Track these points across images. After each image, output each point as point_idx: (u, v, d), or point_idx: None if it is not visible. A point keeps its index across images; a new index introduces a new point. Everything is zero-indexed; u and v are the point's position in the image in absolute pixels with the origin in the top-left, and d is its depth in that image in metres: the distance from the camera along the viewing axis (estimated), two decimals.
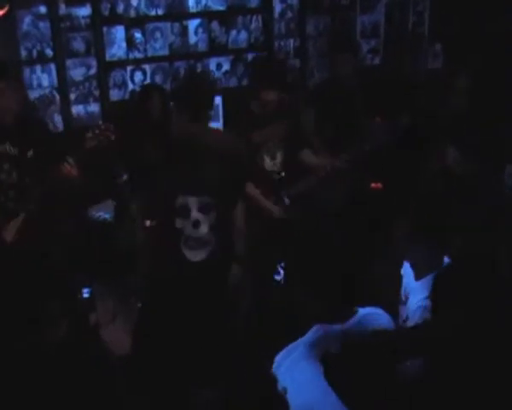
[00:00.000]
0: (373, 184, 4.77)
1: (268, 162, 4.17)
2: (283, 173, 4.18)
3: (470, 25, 5.58)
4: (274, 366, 2.17)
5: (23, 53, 4.74)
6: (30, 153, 3.56)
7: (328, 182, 4.28)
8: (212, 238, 3.43)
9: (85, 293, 3.84)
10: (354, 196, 4.47)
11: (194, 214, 3.35)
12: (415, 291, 2.65)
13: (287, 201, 4.18)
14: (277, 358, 2.18)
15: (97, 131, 3.36)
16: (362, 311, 2.27)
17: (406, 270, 2.79)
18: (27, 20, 4.70)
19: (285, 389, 1.79)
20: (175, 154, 3.45)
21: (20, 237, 3.49)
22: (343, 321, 2.21)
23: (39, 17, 4.73)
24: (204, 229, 3.39)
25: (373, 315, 2.29)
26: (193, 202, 3.34)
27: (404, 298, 2.75)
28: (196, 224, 3.37)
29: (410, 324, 2.58)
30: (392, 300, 3.11)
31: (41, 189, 3.49)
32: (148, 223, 4.01)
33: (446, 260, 2.68)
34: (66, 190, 3.49)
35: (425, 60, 6.03)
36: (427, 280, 2.61)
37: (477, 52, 5.36)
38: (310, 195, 4.19)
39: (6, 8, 3.85)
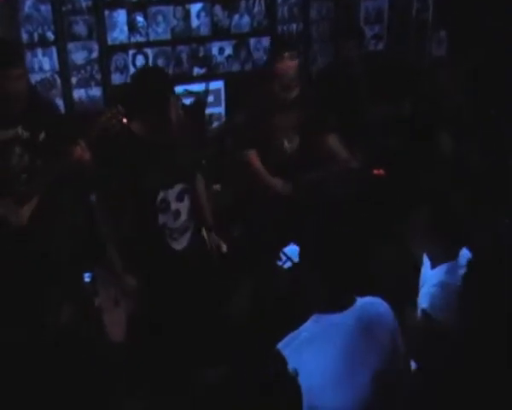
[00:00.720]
0: (375, 171, 4.76)
1: (286, 145, 4.16)
2: (297, 159, 4.17)
3: (474, 14, 5.55)
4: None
5: (24, 36, 4.70)
6: (42, 136, 3.53)
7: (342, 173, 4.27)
8: (191, 223, 3.48)
9: (87, 277, 3.84)
10: (359, 183, 4.46)
11: (173, 205, 3.37)
12: (429, 280, 2.65)
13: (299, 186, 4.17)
14: (279, 345, 2.18)
15: (109, 115, 3.30)
16: (360, 300, 2.26)
17: (424, 259, 2.78)
18: (29, 2, 4.65)
19: (296, 371, 1.79)
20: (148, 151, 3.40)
21: (33, 221, 3.47)
22: (342, 310, 2.21)
23: (41, 0, 4.69)
24: (184, 216, 3.43)
25: (372, 304, 2.29)
26: (171, 194, 3.36)
27: (420, 287, 2.74)
28: (177, 214, 3.41)
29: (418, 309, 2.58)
30: (392, 287, 3.11)
31: (52, 172, 3.45)
32: None
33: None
34: (75, 175, 3.46)
35: (429, 46, 6.00)
36: (441, 268, 2.61)
37: (479, 44, 5.34)
38: (321, 181, 4.17)
39: None
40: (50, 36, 4.78)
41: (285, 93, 3.99)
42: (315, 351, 2.12)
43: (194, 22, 5.14)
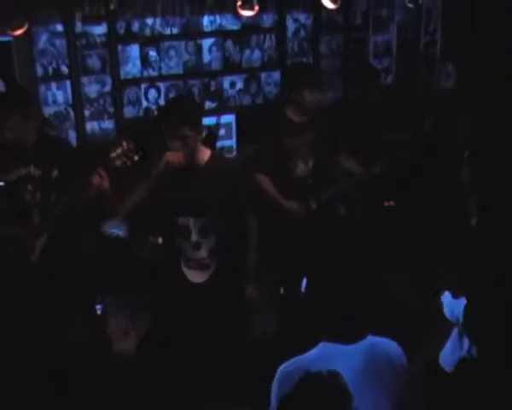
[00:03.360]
0: (386, 203, 4.77)
1: (301, 167, 4.19)
2: (311, 180, 4.20)
3: (482, 45, 5.61)
4: (277, 376, 2.17)
5: (39, 70, 4.79)
6: (54, 173, 3.59)
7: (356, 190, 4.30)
8: (213, 262, 3.42)
9: (99, 308, 3.86)
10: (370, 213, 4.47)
11: (195, 236, 3.34)
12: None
13: (313, 206, 4.18)
14: (281, 368, 2.18)
15: (120, 151, 3.33)
16: (372, 338, 2.24)
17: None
18: (44, 37, 4.75)
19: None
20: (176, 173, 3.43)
21: (44, 255, 3.50)
22: (351, 343, 2.19)
23: (56, 35, 4.78)
24: (204, 252, 3.38)
25: (384, 344, 2.26)
26: (193, 223, 3.34)
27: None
28: (197, 246, 3.37)
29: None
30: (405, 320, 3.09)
31: (65, 207, 3.48)
32: (160, 240, 4.02)
33: None
34: (87, 206, 3.49)
35: (437, 79, 6.05)
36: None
37: (487, 74, 5.38)
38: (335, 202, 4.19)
39: (25, 28, 3.87)
40: (64, 70, 4.87)
41: (300, 118, 4.07)
42: None
43: (206, 57, 5.23)
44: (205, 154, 3.45)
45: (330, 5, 3.92)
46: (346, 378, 1.96)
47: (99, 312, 3.87)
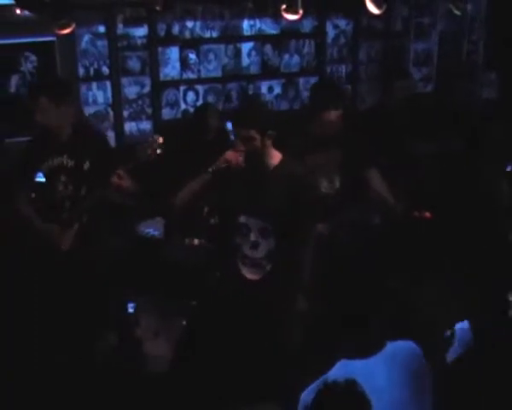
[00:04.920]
0: (416, 213, 4.70)
1: (325, 185, 4.15)
2: (336, 198, 4.16)
3: None
4: (300, 404, 2.15)
5: (81, 70, 4.88)
6: (86, 165, 3.65)
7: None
8: (269, 264, 3.42)
9: (130, 308, 3.89)
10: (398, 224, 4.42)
11: (254, 236, 3.37)
12: None
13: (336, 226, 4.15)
14: (303, 396, 2.15)
15: (145, 145, 3.41)
16: (391, 345, 2.22)
17: None
18: (86, 38, 4.84)
19: None
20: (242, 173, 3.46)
21: (73, 247, 3.57)
22: (371, 356, 2.17)
23: (98, 36, 4.87)
24: (261, 252, 3.40)
25: (403, 349, 2.23)
26: (253, 223, 3.36)
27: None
28: (255, 245, 3.39)
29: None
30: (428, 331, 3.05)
31: (94, 200, 3.56)
32: (196, 242, 4.04)
33: None
34: (118, 203, 3.55)
35: (479, 89, 5.96)
36: None
37: None
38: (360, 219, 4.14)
39: (72, 27, 3.94)
40: (105, 70, 4.95)
41: (325, 133, 4.03)
42: None
43: (245, 60, 5.25)
44: (275, 157, 3.46)
45: (375, 10, 3.85)
46: (368, 390, 1.97)
47: (131, 310, 3.90)
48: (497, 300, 2.60)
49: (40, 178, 3.67)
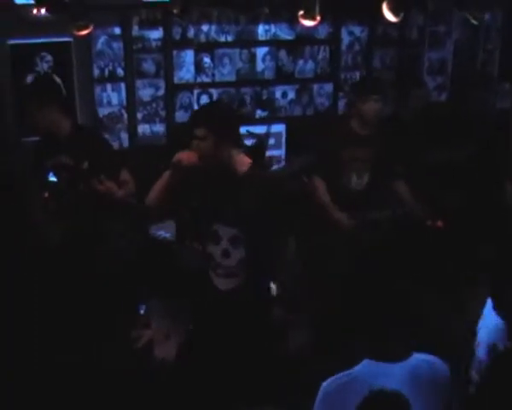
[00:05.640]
0: (430, 222, 4.68)
1: (355, 180, 4.19)
2: (364, 195, 4.20)
3: None
4: (321, 391, 2.14)
5: (96, 71, 4.89)
6: (85, 164, 3.69)
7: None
8: (241, 273, 3.40)
9: (141, 310, 3.89)
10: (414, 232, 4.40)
11: (224, 243, 3.33)
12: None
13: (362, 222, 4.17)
14: (324, 385, 2.15)
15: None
16: (417, 356, 2.20)
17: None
18: (102, 39, 4.85)
19: None
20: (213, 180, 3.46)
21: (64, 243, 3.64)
22: (395, 361, 2.16)
23: (113, 37, 4.89)
24: (233, 261, 3.37)
25: (429, 363, 2.22)
26: (223, 231, 3.34)
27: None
28: (225, 253, 3.36)
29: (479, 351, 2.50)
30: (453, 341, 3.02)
31: (76, 198, 3.64)
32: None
33: None
34: (123, 203, 3.60)
35: (493, 99, 5.93)
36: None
37: None
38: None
39: (90, 29, 3.96)
40: (120, 72, 4.97)
41: (362, 130, 4.08)
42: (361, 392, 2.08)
43: (260, 66, 5.25)
44: (243, 163, 3.45)
45: (392, 18, 3.84)
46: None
47: (141, 312, 3.90)
48: None
49: (52, 178, 3.71)
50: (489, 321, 2.56)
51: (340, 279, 3.55)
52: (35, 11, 4.33)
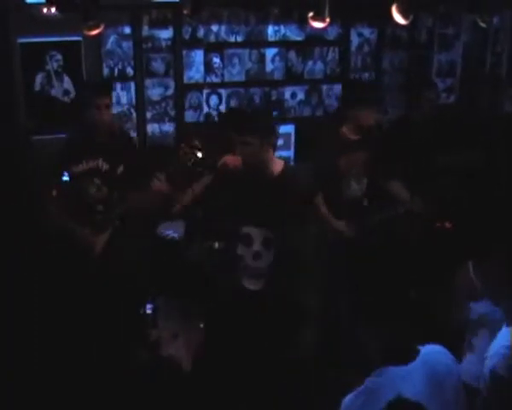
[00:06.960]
0: (439, 224, 4.68)
1: (354, 187, 4.17)
2: (366, 200, 4.18)
3: None
4: (342, 408, 2.14)
5: (105, 70, 4.90)
6: (120, 169, 3.67)
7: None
8: (269, 273, 3.42)
9: (148, 309, 3.89)
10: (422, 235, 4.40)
11: (257, 246, 3.34)
12: (499, 339, 2.55)
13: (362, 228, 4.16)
14: (346, 401, 2.14)
15: (187, 149, 3.40)
16: (424, 350, 2.21)
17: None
18: (112, 38, 4.86)
19: None
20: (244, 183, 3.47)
21: (106, 250, 3.59)
22: (407, 362, 2.16)
23: (123, 37, 4.90)
24: (264, 262, 3.38)
25: (437, 354, 2.22)
26: (256, 233, 3.34)
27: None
28: (257, 255, 3.37)
29: (487, 363, 2.50)
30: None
31: (127, 205, 3.57)
32: (216, 245, 4.04)
33: None
34: (147, 206, 3.57)
35: (502, 102, 5.92)
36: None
37: None
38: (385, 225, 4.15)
39: (100, 29, 3.96)
40: (130, 71, 4.98)
41: (356, 136, 4.05)
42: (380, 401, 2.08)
43: (269, 66, 5.26)
44: (277, 165, 3.46)
45: (402, 21, 3.84)
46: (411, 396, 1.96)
47: (148, 311, 3.90)
48: None
49: (65, 177, 3.69)
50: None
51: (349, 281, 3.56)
52: (45, 10, 4.35)
